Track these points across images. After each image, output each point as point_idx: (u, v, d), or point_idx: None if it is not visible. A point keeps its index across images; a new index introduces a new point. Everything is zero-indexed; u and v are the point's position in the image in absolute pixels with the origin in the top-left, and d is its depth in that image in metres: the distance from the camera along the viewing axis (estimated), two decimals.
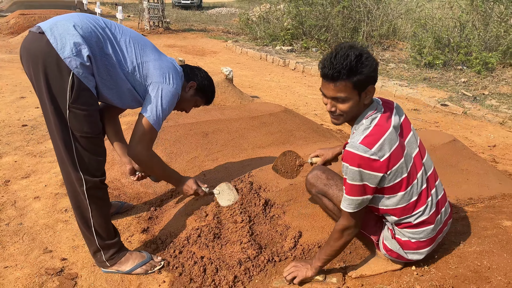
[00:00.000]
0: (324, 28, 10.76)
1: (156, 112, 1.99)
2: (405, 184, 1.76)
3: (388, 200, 1.79)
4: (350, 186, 1.70)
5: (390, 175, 1.70)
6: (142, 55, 1.99)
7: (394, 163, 1.70)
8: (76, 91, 1.79)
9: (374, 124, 1.70)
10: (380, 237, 1.96)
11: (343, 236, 1.82)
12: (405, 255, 1.89)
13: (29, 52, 1.79)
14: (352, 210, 1.73)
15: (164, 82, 2.01)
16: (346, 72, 1.60)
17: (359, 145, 1.65)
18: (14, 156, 3.48)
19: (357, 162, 1.64)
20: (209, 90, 2.33)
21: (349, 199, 1.72)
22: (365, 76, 1.62)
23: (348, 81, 1.62)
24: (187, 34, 13.27)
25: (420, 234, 1.85)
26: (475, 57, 7.85)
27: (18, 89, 5.57)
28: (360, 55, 1.60)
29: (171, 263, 2.21)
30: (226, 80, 5.44)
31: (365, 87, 1.67)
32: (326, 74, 1.64)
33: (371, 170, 1.66)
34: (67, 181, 1.95)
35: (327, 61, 1.62)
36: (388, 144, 1.67)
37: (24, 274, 2.11)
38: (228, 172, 2.96)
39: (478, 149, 4.44)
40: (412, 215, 1.81)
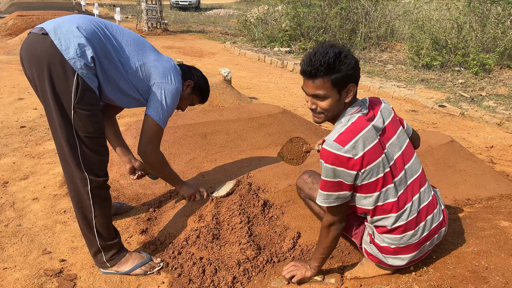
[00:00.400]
0: (322, 29, 10.78)
1: (162, 111, 2.08)
2: (381, 184, 1.74)
3: (365, 199, 1.79)
4: (324, 182, 1.73)
5: (364, 173, 1.70)
6: (143, 55, 2.05)
7: (369, 161, 1.69)
8: (81, 91, 1.81)
9: (351, 122, 1.71)
10: (361, 241, 1.98)
11: (330, 231, 1.84)
12: (385, 259, 1.87)
13: (32, 53, 1.79)
14: (328, 204, 1.76)
15: (167, 82, 2.08)
16: (323, 70, 1.63)
17: (332, 142, 1.67)
18: (13, 157, 3.48)
19: (331, 160, 1.67)
20: (205, 89, 2.41)
21: (322, 194, 1.75)
22: (343, 74, 1.65)
23: (326, 78, 1.65)
24: (185, 36, 13.28)
25: (399, 240, 1.81)
26: (472, 59, 7.88)
27: (16, 91, 5.57)
28: (339, 53, 1.63)
29: (170, 264, 2.21)
30: (224, 81, 5.44)
31: (345, 86, 1.69)
32: (305, 71, 1.68)
33: (344, 168, 1.68)
34: (69, 182, 1.95)
35: (307, 59, 1.67)
36: (362, 142, 1.68)
37: (23, 275, 2.11)
38: (227, 173, 2.97)
39: (476, 150, 4.46)
40: (387, 217, 1.79)
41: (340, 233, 1.86)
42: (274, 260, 2.20)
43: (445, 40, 8.62)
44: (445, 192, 2.89)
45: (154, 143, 2.13)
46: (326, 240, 1.87)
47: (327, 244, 1.87)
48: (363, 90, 7.28)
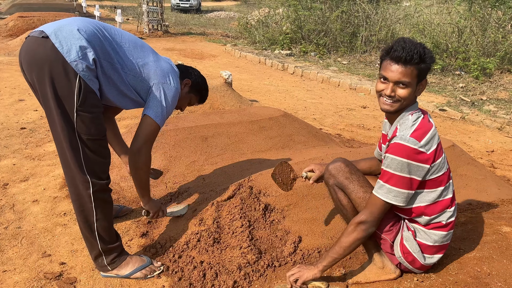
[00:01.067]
0: (323, 32, 10.80)
1: (161, 111, 2.08)
2: (446, 179, 1.83)
3: (429, 195, 1.82)
4: (398, 177, 1.73)
5: (433, 167, 1.77)
6: (142, 57, 2.06)
7: (438, 157, 1.78)
8: (84, 94, 1.81)
9: (420, 120, 1.79)
10: (396, 237, 1.94)
11: (356, 230, 1.81)
12: (422, 259, 1.89)
13: (32, 57, 1.79)
14: (397, 203, 1.76)
15: (165, 82, 2.10)
16: (417, 58, 1.72)
17: (409, 138, 1.72)
18: (13, 159, 3.47)
19: (407, 154, 1.70)
20: (203, 88, 2.41)
21: (395, 190, 1.74)
22: (429, 66, 1.76)
23: (416, 66, 1.74)
24: (186, 38, 13.29)
25: (444, 237, 1.88)
26: (473, 63, 7.88)
27: (17, 92, 5.56)
28: (425, 47, 1.75)
29: (170, 267, 2.20)
30: (225, 84, 5.44)
31: (423, 78, 1.79)
32: (398, 57, 1.73)
33: (419, 162, 1.72)
34: (71, 185, 1.94)
35: (399, 46, 1.73)
36: (432, 139, 1.76)
37: (23, 278, 2.10)
38: (228, 176, 2.96)
39: (477, 155, 4.46)
40: (446, 212, 1.85)
41: (364, 237, 1.82)
42: (275, 265, 2.19)
43: (445, 44, 8.63)
44: None
45: (150, 142, 2.12)
46: (347, 238, 1.82)
47: (347, 244, 1.83)
48: (363, 93, 7.28)
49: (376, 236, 1.98)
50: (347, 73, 8.52)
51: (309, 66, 9.11)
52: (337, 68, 8.96)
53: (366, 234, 1.82)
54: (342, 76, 8.15)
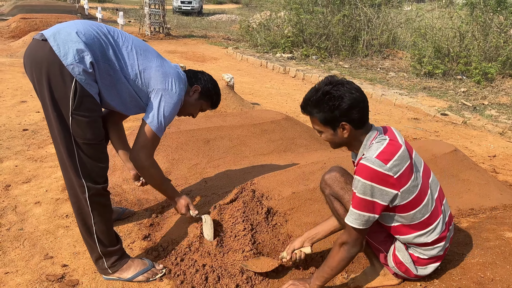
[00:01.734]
0: (325, 36, 10.81)
1: (158, 119, 2.02)
2: (418, 201, 1.75)
3: (402, 218, 1.78)
4: (359, 199, 1.67)
5: (403, 193, 1.69)
6: (144, 61, 2.01)
7: (406, 180, 1.70)
8: (79, 97, 1.80)
9: (386, 143, 1.70)
10: (390, 248, 1.93)
11: (340, 251, 1.77)
12: (414, 270, 1.87)
13: (32, 59, 1.80)
14: (357, 226, 1.69)
15: (166, 88, 2.03)
16: (308, 108, 1.73)
17: (375, 159, 1.64)
18: (15, 160, 3.48)
19: (371, 176, 1.63)
20: (214, 93, 2.33)
21: (356, 213, 1.68)
22: (327, 115, 1.69)
23: (312, 116, 1.74)
24: (187, 40, 13.31)
25: (432, 251, 1.84)
26: (474, 67, 7.88)
27: (19, 93, 5.57)
28: (327, 93, 1.66)
29: (172, 270, 2.20)
30: (227, 87, 5.44)
31: (335, 124, 1.71)
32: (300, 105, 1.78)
33: (385, 186, 1.65)
34: (69, 187, 1.95)
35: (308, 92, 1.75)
36: (401, 161, 1.68)
37: (25, 280, 2.09)
38: (230, 179, 2.96)
39: (478, 159, 4.45)
40: (427, 230, 1.80)
41: (349, 258, 1.78)
42: (278, 269, 2.19)
43: (447, 48, 8.64)
44: (449, 201, 2.86)
45: (146, 149, 2.05)
46: (333, 259, 1.80)
47: (333, 264, 1.80)
48: None
49: (372, 246, 1.98)
50: (348, 77, 8.53)
51: (311, 70, 9.12)
52: (339, 72, 8.97)
53: (349, 255, 1.77)
54: None
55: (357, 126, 1.73)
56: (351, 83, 1.71)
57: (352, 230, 1.73)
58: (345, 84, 1.68)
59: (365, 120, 1.74)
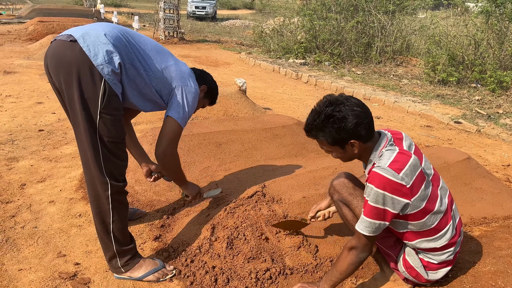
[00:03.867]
0: (338, 42, 10.80)
1: (183, 112, 2.16)
2: (428, 209, 1.75)
3: (412, 225, 1.78)
4: (371, 208, 1.67)
5: (414, 201, 1.69)
6: (164, 61, 2.14)
7: (417, 189, 1.70)
8: (108, 97, 1.87)
9: (397, 152, 1.70)
10: (400, 253, 1.93)
11: (349, 255, 1.78)
12: (425, 274, 1.86)
13: (60, 59, 1.84)
14: (368, 233, 1.70)
15: (186, 84, 2.18)
16: (314, 132, 1.73)
17: (388, 168, 1.64)
18: (31, 160, 3.54)
19: (383, 185, 1.63)
20: (215, 92, 2.53)
21: (367, 221, 1.69)
22: (333, 136, 1.69)
23: (318, 139, 1.75)
24: (201, 45, 13.42)
25: (442, 256, 1.84)
26: (489, 76, 7.80)
27: (36, 95, 5.68)
28: (330, 116, 1.66)
29: (182, 271, 2.22)
30: (239, 91, 5.48)
31: (343, 143, 1.71)
32: (304, 129, 1.78)
33: (397, 195, 1.65)
34: (90, 186, 1.98)
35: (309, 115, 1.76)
36: (412, 170, 1.68)
37: (38, 277, 2.13)
38: (241, 183, 2.98)
39: (492, 168, 4.40)
40: (436, 238, 1.80)
41: (358, 262, 1.79)
42: (286, 272, 2.19)
43: (462, 56, 8.57)
44: (461, 209, 2.85)
45: (174, 144, 2.20)
46: (342, 263, 1.81)
47: (342, 268, 1.81)
48: (377, 104, 7.25)
49: (382, 251, 1.98)
50: (361, 83, 8.51)
51: (323, 76, 9.12)
52: (351, 78, 8.96)
53: (358, 260, 1.78)
54: (356, 86, 8.13)
55: (366, 140, 1.73)
56: (350, 99, 1.70)
57: (361, 236, 1.73)
58: (346, 103, 1.67)
59: (372, 134, 1.74)
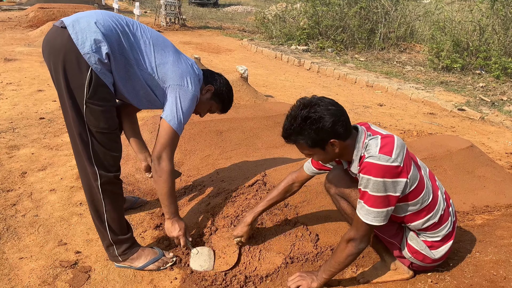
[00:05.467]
0: (341, 28, 10.68)
1: (177, 117, 2.01)
2: (422, 184, 1.77)
3: (412, 206, 1.78)
4: (374, 198, 1.66)
5: (411, 178, 1.70)
6: (161, 56, 2.00)
7: (410, 166, 1.72)
8: (94, 86, 1.81)
9: (380, 138, 1.71)
10: (402, 240, 1.92)
11: (347, 247, 1.78)
12: (431, 255, 1.87)
13: (50, 45, 1.82)
14: (378, 223, 1.69)
15: (183, 85, 2.02)
16: (292, 138, 1.70)
17: (379, 155, 1.63)
18: (31, 148, 3.54)
19: (381, 173, 1.62)
20: (226, 97, 2.31)
21: (374, 211, 1.67)
22: (312, 138, 1.66)
23: (298, 143, 1.71)
24: (202, 32, 13.30)
25: (443, 230, 1.86)
26: (494, 62, 7.70)
27: (36, 82, 5.65)
28: (307, 118, 1.64)
29: (183, 260, 2.22)
30: (241, 78, 5.43)
31: (323, 144, 1.69)
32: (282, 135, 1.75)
33: (396, 177, 1.64)
34: (82, 175, 1.97)
35: (284, 120, 1.72)
36: (401, 149, 1.69)
37: (39, 265, 2.14)
38: (242, 171, 2.96)
39: (495, 156, 4.37)
40: (434, 211, 1.82)
41: (357, 253, 1.79)
42: (287, 261, 2.19)
43: (466, 42, 8.46)
44: (463, 198, 2.83)
45: (169, 148, 2.03)
46: (340, 254, 1.81)
47: (340, 259, 1.81)
48: (380, 91, 7.20)
49: (384, 241, 1.97)
50: (364, 70, 8.43)
51: (326, 62, 9.04)
52: (354, 65, 8.88)
53: (357, 251, 1.78)
54: (359, 73, 8.06)
55: (345, 138, 1.72)
56: (324, 99, 1.68)
57: (362, 227, 1.72)
58: (320, 103, 1.66)
59: (350, 130, 1.73)
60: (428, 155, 3.15)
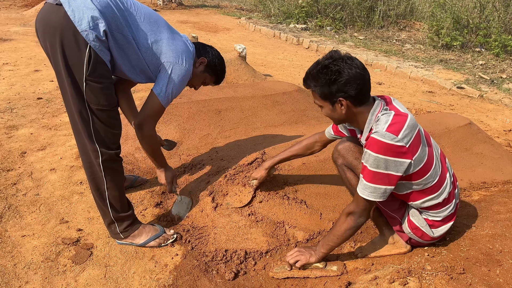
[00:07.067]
0: (340, 6, 10.55)
1: (166, 91, 2.05)
2: (429, 165, 1.76)
3: (416, 184, 1.78)
4: (373, 173, 1.66)
5: (415, 160, 1.69)
6: (156, 33, 2.01)
7: (417, 148, 1.70)
8: (93, 64, 1.80)
9: (393, 114, 1.69)
10: (404, 215, 1.94)
11: (346, 220, 1.80)
12: (431, 233, 1.89)
13: (46, 23, 1.78)
14: (374, 199, 1.70)
15: (177, 62, 2.04)
16: (308, 81, 1.73)
17: (385, 132, 1.63)
18: (30, 128, 3.53)
19: (383, 150, 1.62)
20: (219, 69, 2.33)
21: (371, 186, 1.68)
22: (324, 88, 1.68)
23: (311, 89, 1.74)
24: (200, 10, 13.12)
25: (445, 211, 1.87)
26: (494, 39, 7.65)
27: (33, 62, 5.60)
28: (325, 66, 1.65)
29: (183, 237, 2.25)
30: (239, 57, 5.39)
31: (333, 99, 1.70)
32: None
33: (398, 157, 1.64)
34: (82, 153, 1.98)
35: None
36: (411, 129, 1.67)
37: (42, 243, 2.17)
38: (240, 150, 2.97)
39: (494, 133, 4.38)
40: (438, 192, 1.82)
41: (356, 227, 1.81)
42: (289, 238, 2.22)
43: (466, 19, 8.38)
44: (461, 175, 2.86)
45: (152, 120, 2.11)
46: (339, 228, 1.83)
47: (339, 233, 1.83)
48: (379, 69, 7.16)
49: (386, 214, 1.99)
50: (363, 49, 8.37)
51: (325, 41, 8.96)
52: (353, 43, 8.80)
53: (356, 225, 1.79)
54: (358, 52, 8.00)
55: (356, 103, 1.71)
56: (353, 59, 1.68)
57: (361, 202, 1.74)
58: (346, 60, 1.66)
59: (364, 98, 1.72)
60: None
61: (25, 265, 2.01)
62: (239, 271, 2.04)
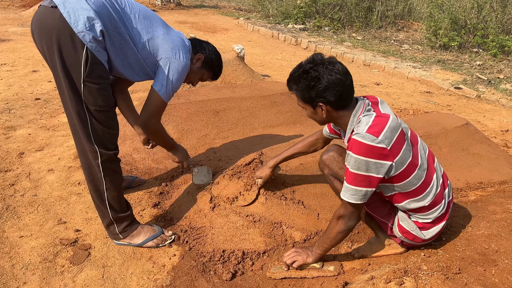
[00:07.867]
0: (338, 6, 10.56)
1: (167, 87, 2.07)
2: (412, 168, 1.75)
3: (398, 187, 1.78)
4: (354, 175, 1.66)
5: (397, 163, 1.68)
6: (152, 30, 2.02)
7: (399, 149, 1.69)
8: (90, 65, 1.81)
9: (374, 116, 1.69)
10: (394, 220, 1.95)
11: (337, 224, 1.80)
12: (422, 235, 1.89)
13: (41, 26, 1.79)
14: (355, 201, 1.70)
15: (174, 57, 2.06)
16: (290, 84, 1.75)
17: (365, 134, 1.62)
18: (28, 129, 3.54)
19: (364, 151, 1.62)
20: (216, 64, 2.35)
21: (352, 188, 1.68)
22: (303, 93, 1.70)
23: (293, 92, 1.75)
24: (198, 11, 13.12)
25: (434, 213, 1.86)
26: (491, 40, 7.67)
27: (31, 63, 5.60)
28: (306, 72, 1.66)
29: (181, 237, 2.26)
30: (237, 58, 5.39)
31: (313, 103, 1.72)
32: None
33: (379, 159, 1.64)
34: (81, 154, 1.98)
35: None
36: (392, 131, 1.66)
37: (39, 243, 2.17)
38: (239, 151, 2.98)
39: (491, 134, 4.40)
40: (423, 196, 1.81)
41: (347, 230, 1.81)
42: (287, 239, 2.23)
43: (464, 20, 8.39)
44: (458, 175, 2.87)
45: (156, 116, 2.15)
46: (331, 231, 1.84)
47: (331, 235, 1.84)
48: (377, 70, 7.17)
49: (376, 219, 2.00)
50: (361, 49, 8.38)
51: (323, 41, 8.97)
52: (351, 44, 8.81)
53: (346, 228, 1.80)
54: (356, 52, 8.01)
55: (337, 108, 1.72)
56: (334, 64, 1.67)
57: (348, 205, 1.74)
58: (327, 65, 1.65)
59: (345, 103, 1.73)
60: (424, 133, 3.17)
61: (23, 266, 2.02)
62: (236, 272, 2.05)
